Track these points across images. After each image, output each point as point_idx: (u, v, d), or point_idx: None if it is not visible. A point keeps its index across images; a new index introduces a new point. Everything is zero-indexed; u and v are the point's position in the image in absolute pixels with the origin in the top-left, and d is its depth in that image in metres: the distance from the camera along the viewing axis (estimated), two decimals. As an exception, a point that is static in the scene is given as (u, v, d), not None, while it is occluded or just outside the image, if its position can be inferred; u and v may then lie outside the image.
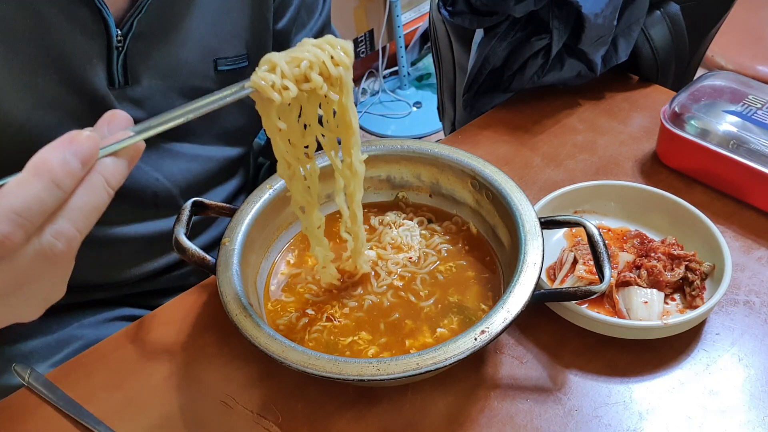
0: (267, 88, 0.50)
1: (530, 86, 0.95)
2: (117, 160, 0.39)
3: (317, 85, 0.52)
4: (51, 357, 0.79)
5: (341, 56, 0.52)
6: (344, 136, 0.58)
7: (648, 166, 0.87)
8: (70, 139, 0.37)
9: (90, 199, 0.37)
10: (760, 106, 0.82)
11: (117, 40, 0.68)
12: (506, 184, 0.69)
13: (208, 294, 0.74)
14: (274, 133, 0.55)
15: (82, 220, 0.37)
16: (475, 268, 0.71)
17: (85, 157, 0.37)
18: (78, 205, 0.37)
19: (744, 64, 1.48)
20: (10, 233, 0.34)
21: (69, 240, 0.37)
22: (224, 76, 0.79)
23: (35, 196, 0.35)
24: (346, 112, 0.56)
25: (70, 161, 0.36)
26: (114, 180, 0.39)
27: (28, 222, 0.34)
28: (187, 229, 0.66)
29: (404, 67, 2.57)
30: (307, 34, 0.87)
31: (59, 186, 0.35)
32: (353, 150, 0.59)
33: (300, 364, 0.54)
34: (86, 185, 0.37)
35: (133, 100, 0.73)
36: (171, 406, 0.64)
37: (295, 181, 0.59)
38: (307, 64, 0.51)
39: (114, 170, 0.39)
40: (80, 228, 0.37)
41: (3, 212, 0.34)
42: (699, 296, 0.67)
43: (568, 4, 0.86)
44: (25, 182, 0.35)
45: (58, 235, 0.36)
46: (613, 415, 0.61)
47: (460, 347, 0.54)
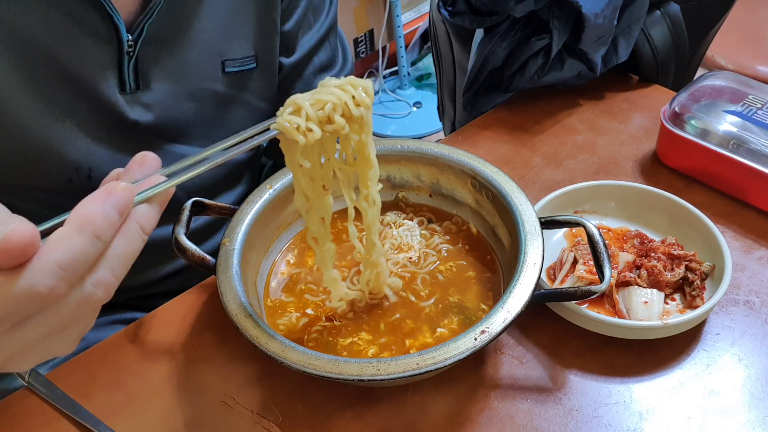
0: (292, 130, 0.51)
1: (530, 86, 0.95)
2: (150, 207, 0.41)
3: (340, 127, 0.53)
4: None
5: (363, 97, 0.54)
6: (362, 169, 0.59)
7: (648, 166, 0.87)
8: (108, 192, 0.38)
9: (127, 247, 0.39)
10: (760, 106, 0.82)
11: (128, 45, 0.68)
12: (506, 184, 0.69)
13: (208, 294, 0.74)
14: (296, 170, 0.56)
15: (119, 267, 0.39)
16: (475, 268, 0.71)
17: (123, 208, 0.39)
18: (116, 254, 0.39)
19: (744, 64, 1.48)
20: (56, 287, 0.36)
21: (108, 287, 0.39)
22: (232, 77, 0.79)
23: (79, 250, 0.36)
24: (365, 148, 0.57)
25: (109, 214, 0.38)
26: (149, 226, 0.41)
27: (71, 275, 0.36)
28: (187, 229, 0.66)
29: (404, 67, 2.57)
30: (314, 35, 0.87)
31: (100, 238, 0.37)
32: (371, 183, 0.60)
33: (300, 364, 0.54)
34: (123, 234, 0.39)
35: (144, 104, 0.73)
36: (171, 406, 0.64)
37: (311, 214, 0.60)
38: (331, 107, 0.52)
39: (148, 216, 0.41)
40: (118, 275, 0.39)
41: (48, 267, 0.35)
42: (699, 296, 0.67)
43: (568, 4, 0.86)
44: (69, 236, 0.36)
45: (99, 283, 0.38)
46: (613, 415, 0.61)
47: (460, 347, 0.54)
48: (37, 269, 0.35)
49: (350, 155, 0.58)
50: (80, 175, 0.72)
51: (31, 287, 0.35)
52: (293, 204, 0.73)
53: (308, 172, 0.57)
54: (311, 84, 0.89)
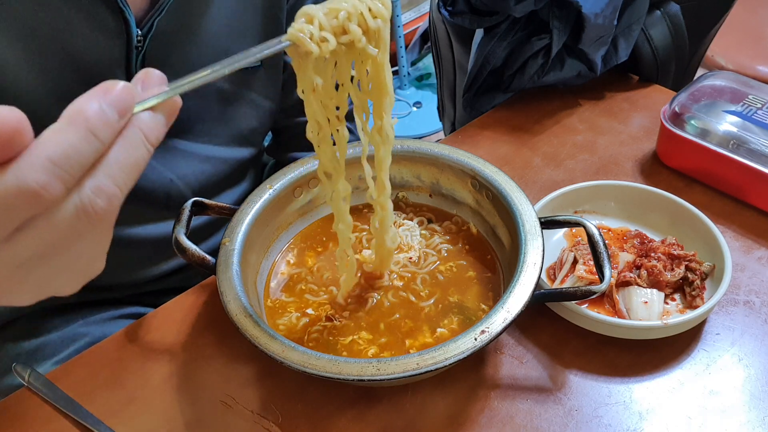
0: (305, 39, 0.47)
1: (530, 86, 0.95)
2: (155, 115, 0.37)
3: (356, 37, 0.49)
4: (56, 354, 0.79)
5: (379, 7, 0.50)
6: (377, 97, 0.55)
7: (648, 166, 0.87)
8: (105, 89, 0.34)
9: (129, 154, 0.35)
10: (760, 106, 0.82)
11: (137, 40, 0.69)
12: (506, 184, 0.69)
13: (208, 294, 0.74)
14: (308, 92, 0.52)
15: (122, 176, 0.35)
16: (475, 268, 0.71)
17: (122, 107, 0.35)
18: (117, 160, 0.35)
19: (744, 64, 1.48)
20: (47, 183, 0.31)
21: (110, 197, 0.34)
22: (236, 75, 0.80)
23: (72, 145, 0.32)
24: (382, 70, 0.53)
25: (106, 111, 0.34)
26: (152, 135, 0.37)
27: (65, 173, 0.32)
28: (187, 229, 0.66)
29: (404, 67, 2.57)
30: None
31: (96, 135, 0.33)
32: (385, 113, 0.56)
33: (300, 364, 0.54)
34: (124, 139, 0.35)
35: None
36: (171, 405, 0.64)
37: (324, 146, 0.56)
38: (345, 15, 0.48)
39: (152, 125, 0.37)
40: (121, 185, 0.35)
41: (38, 161, 0.31)
42: (699, 296, 0.67)
43: (568, 4, 0.86)
44: (61, 130, 0.32)
45: (98, 191, 0.34)
46: (613, 415, 0.61)
47: (460, 347, 0.54)
48: (26, 163, 0.31)
49: (365, 81, 0.54)
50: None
51: (20, 183, 0.31)
52: (293, 204, 0.74)
53: (321, 96, 0.53)
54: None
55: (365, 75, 0.53)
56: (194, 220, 0.68)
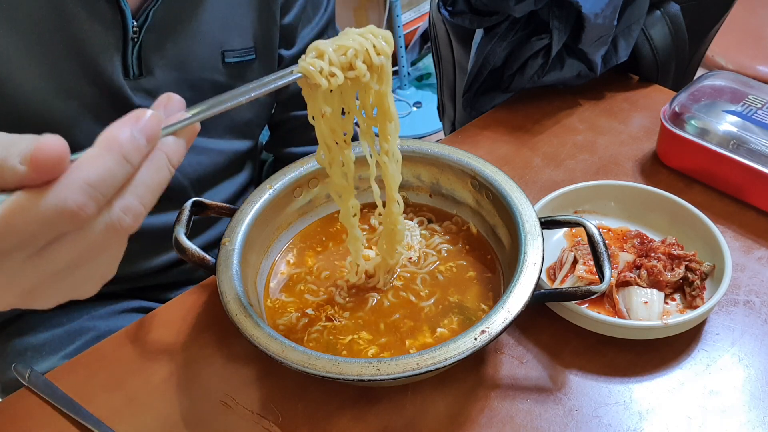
0: (315, 73, 0.51)
1: (530, 86, 0.95)
2: (177, 140, 0.41)
3: (361, 74, 0.53)
4: (63, 348, 0.80)
5: (383, 45, 0.54)
6: (383, 122, 0.59)
7: (648, 166, 0.87)
8: (136, 118, 0.38)
9: (155, 176, 0.39)
10: (760, 106, 0.82)
11: (133, 31, 0.70)
12: (506, 184, 0.69)
13: (208, 294, 0.74)
14: (318, 118, 0.56)
15: (147, 195, 0.39)
16: (475, 268, 0.71)
17: (150, 134, 0.38)
18: (144, 181, 0.38)
19: (744, 64, 1.48)
20: (84, 204, 0.35)
21: (136, 215, 0.38)
22: (232, 68, 0.80)
23: (107, 170, 0.36)
24: (385, 100, 0.57)
25: (137, 138, 0.37)
26: (175, 158, 0.40)
27: (100, 194, 0.35)
28: (187, 229, 0.66)
29: (404, 67, 2.57)
30: (313, 29, 0.89)
31: (128, 161, 0.37)
32: (391, 137, 0.60)
33: (300, 364, 0.54)
34: (151, 162, 0.39)
35: (147, 90, 0.74)
36: (171, 406, 0.64)
37: (334, 167, 0.60)
38: (353, 53, 0.53)
39: (175, 148, 0.40)
40: (146, 203, 0.39)
41: (77, 184, 0.35)
42: (699, 296, 0.67)
43: (568, 4, 0.86)
44: (97, 156, 0.36)
45: (127, 209, 0.37)
46: (613, 415, 0.61)
47: (460, 347, 0.54)
48: (66, 186, 0.35)
49: (370, 109, 0.58)
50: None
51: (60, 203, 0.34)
52: (293, 204, 0.74)
53: (329, 122, 0.57)
54: None
55: (369, 103, 0.57)
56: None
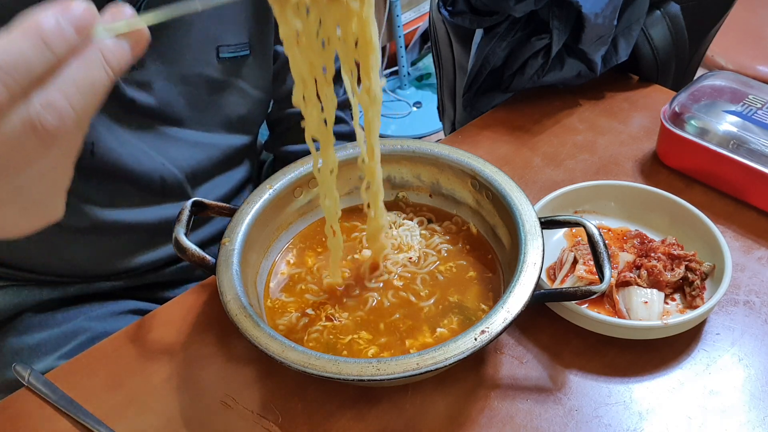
0: None
1: (530, 86, 0.95)
2: (118, 41, 0.35)
3: None
4: (58, 349, 0.80)
5: None
6: (364, 55, 0.53)
7: (648, 166, 0.87)
8: (64, 6, 0.33)
9: (86, 73, 0.33)
10: (760, 106, 0.82)
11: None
12: (506, 184, 0.69)
13: (208, 294, 0.74)
14: (291, 44, 0.51)
15: (75, 94, 0.33)
16: (475, 268, 0.71)
17: (80, 23, 0.33)
18: (71, 77, 0.33)
19: (744, 64, 1.48)
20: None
21: (60, 114, 0.33)
22: (226, 63, 0.80)
23: (20, 51, 0.31)
24: (367, 27, 0.51)
25: (62, 24, 0.32)
26: (114, 59, 0.35)
27: (9, 78, 0.31)
28: (187, 229, 0.66)
29: (404, 67, 2.57)
30: None
31: (48, 46, 0.32)
32: (372, 72, 0.54)
33: (300, 364, 0.54)
34: (82, 58, 0.33)
35: (140, 83, 0.74)
36: (171, 406, 0.64)
37: (310, 107, 0.55)
38: None
39: (114, 48, 0.35)
40: (74, 103, 0.33)
41: None
42: (699, 296, 0.67)
43: (568, 4, 0.86)
44: (12, 38, 0.31)
45: (48, 105, 0.32)
46: (613, 415, 0.61)
47: (460, 347, 0.54)
48: None
49: (351, 37, 0.52)
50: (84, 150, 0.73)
51: None
52: (293, 204, 0.74)
53: (305, 51, 0.51)
54: None
55: (351, 31, 0.51)
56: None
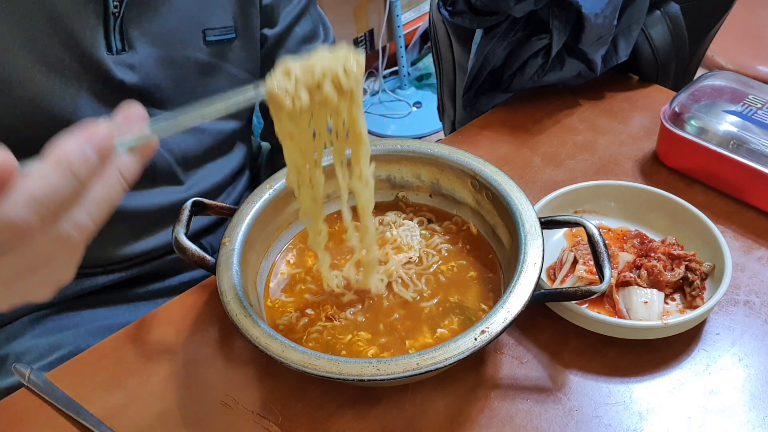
0: (280, 95, 0.51)
1: (530, 86, 0.95)
2: (132, 157, 0.41)
3: (328, 97, 0.52)
4: (41, 360, 0.79)
5: (352, 68, 0.53)
6: (354, 146, 0.58)
7: (648, 166, 0.87)
8: (88, 133, 0.38)
9: (106, 193, 0.39)
10: (760, 106, 0.82)
11: (113, 5, 0.70)
12: (506, 184, 0.69)
13: (208, 294, 0.74)
14: (285, 139, 0.55)
15: (97, 211, 0.39)
16: (475, 268, 0.71)
17: (102, 150, 0.38)
18: (95, 198, 0.38)
19: (744, 64, 1.48)
20: (28, 219, 0.35)
21: (84, 230, 0.39)
22: (213, 46, 0.81)
23: (53, 185, 0.36)
24: (356, 123, 0.56)
25: (88, 154, 0.37)
26: (129, 175, 0.41)
27: (44, 209, 0.36)
28: (187, 229, 0.66)
29: (404, 67, 2.57)
30: (295, 7, 0.89)
31: (77, 177, 0.37)
32: (362, 160, 0.58)
33: (300, 364, 0.54)
34: (104, 179, 0.39)
35: (129, 65, 0.74)
36: (171, 406, 0.64)
37: (303, 189, 0.59)
38: (320, 73, 0.52)
39: (130, 165, 0.40)
40: (95, 219, 0.39)
41: (23, 199, 0.35)
42: (699, 296, 0.67)
43: (568, 4, 0.86)
44: (44, 171, 0.36)
45: (74, 225, 0.38)
46: (613, 415, 0.61)
47: (460, 347, 0.54)
48: (12, 200, 0.35)
49: (342, 131, 0.56)
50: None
51: (5, 217, 0.35)
52: (293, 204, 0.74)
53: (299, 144, 0.56)
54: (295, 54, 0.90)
55: (341, 126, 0.56)
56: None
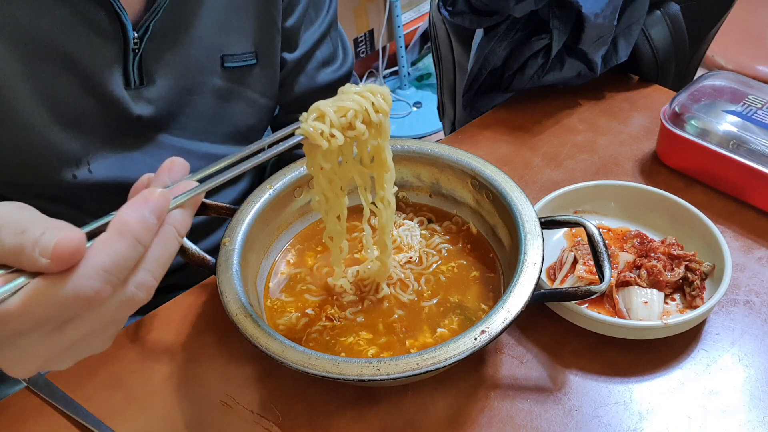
0: (317, 136, 0.53)
1: (530, 86, 0.95)
2: (184, 211, 0.43)
3: (360, 133, 0.55)
4: None
5: (381, 104, 0.56)
6: (378, 172, 0.61)
7: (648, 166, 0.87)
8: (145, 199, 0.40)
9: (164, 250, 0.41)
10: (760, 106, 0.82)
11: (134, 42, 0.69)
12: (506, 184, 0.69)
13: (208, 294, 0.74)
14: (317, 172, 0.58)
15: (158, 269, 0.41)
16: (475, 268, 0.71)
17: (160, 212, 0.41)
18: (155, 257, 0.41)
19: (744, 64, 1.48)
20: (101, 290, 0.37)
21: (148, 289, 0.41)
22: (231, 72, 0.80)
23: (121, 255, 0.38)
24: (382, 152, 0.59)
25: (148, 219, 0.40)
26: (183, 229, 0.43)
27: (115, 278, 0.38)
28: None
29: (404, 67, 2.57)
30: (315, 31, 0.88)
31: (140, 242, 0.39)
32: (386, 185, 0.62)
33: (300, 364, 0.54)
34: (160, 237, 0.41)
35: (148, 99, 0.74)
36: (171, 406, 0.64)
37: (330, 215, 0.62)
38: (353, 114, 0.55)
39: (182, 220, 0.43)
40: (157, 276, 0.41)
41: (94, 270, 0.37)
42: (699, 296, 0.67)
43: (568, 4, 0.86)
44: (111, 241, 0.38)
45: (140, 286, 0.40)
46: (613, 415, 0.61)
47: (460, 347, 0.54)
48: (83, 274, 0.37)
49: (367, 158, 0.60)
50: (81, 170, 0.73)
51: (78, 290, 0.37)
52: (293, 204, 0.74)
53: (328, 174, 0.59)
54: (314, 78, 0.90)
55: (366, 154, 0.60)
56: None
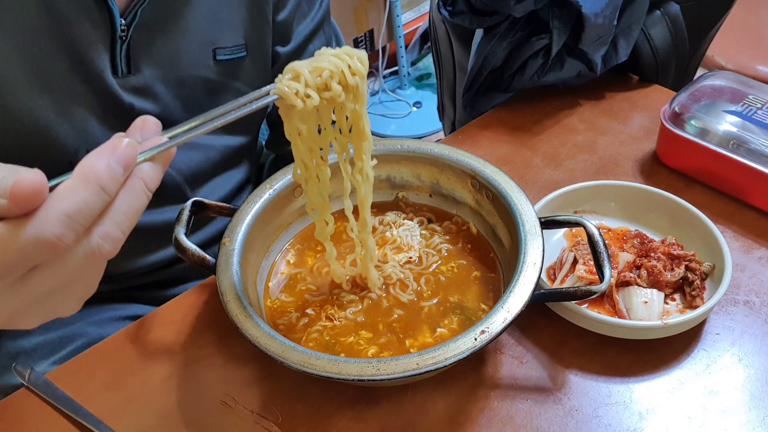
0: (291, 95, 0.52)
1: (530, 86, 0.95)
2: (154, 165, 0.42)
3: (336, 94, 0.54)
4: (53, 354, 0.79)
5: (358, 66, 0.55)
6: (357, 141, 0.60)
7: (648, 166, 0.87)
8: (112, 147, 0.40)
9: (132, 203, 0.40)
10: (760, 106, 0.82)
11: (121, 29, 0.69)
12: (506, 184, 0.69)
13: (208, 294, 0.74)
14: (294, 137, 0.57)
15: (125, 222, 0.40)
16: (475, 268, 0.71)
17: (127, 163, 0.40)
18: (122, 209, 0.40)
19: (744, 64, 1.48)
20: (62, 235, 0.36)
21: (115, 241, 0.40)
22: (223, 65, 0.80)
23: (84, 200, 0.37)
24: (360, 119, 0.58)
25: (114, 167, 0.39)
26: (152, 183, 0.42)
27: (78, 224, 0.37)
28: (187, 229, 0.66)
29: (404, 67, 2.57)
30: (308, 25, 0.88)
31: (105, 190, 0.38)
32: (365, 155, 0.61)
33: (300, 364, 0.54)
34: (128, 189, 0.40)
35: (136, 88, 0.74)
36: (171, 406, 0.64)
37: (310, 184, 0.61)
38: (328, 74, 0.54)
39: (152, 174, 0.42)
40: (124, 230, 0.40)
41: (55, 215, 0.36)
42: (699, 296, 0.67)
43: (568, 4, 0.86)
44: (75, 187, 0.37)
45: (105, 236, 0.39)
46: (613, 415, 0.61)
47: (460, 347, 0.54)
48: (44, 218, 0.36)
49: (345, 126, 0.59)
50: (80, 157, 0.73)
51: (39, 235, 0.36)
52: (293, 204, 0.74)
53: (306, 141, 0.58)
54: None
55: (345, 121, 0.58)
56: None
